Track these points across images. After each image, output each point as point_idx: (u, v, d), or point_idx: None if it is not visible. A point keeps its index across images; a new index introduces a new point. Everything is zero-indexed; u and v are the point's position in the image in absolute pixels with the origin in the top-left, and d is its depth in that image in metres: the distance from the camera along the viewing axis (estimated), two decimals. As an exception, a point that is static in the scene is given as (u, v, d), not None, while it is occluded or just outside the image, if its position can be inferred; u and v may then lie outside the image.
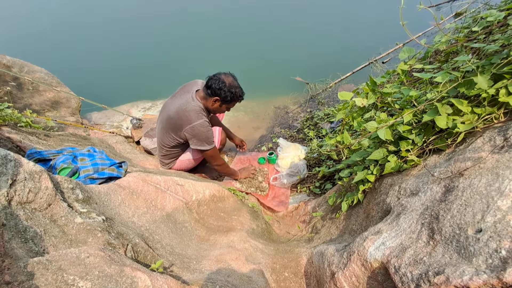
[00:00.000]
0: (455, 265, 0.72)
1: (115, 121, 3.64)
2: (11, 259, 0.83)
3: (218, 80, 2.09)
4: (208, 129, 2.16)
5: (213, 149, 2.25)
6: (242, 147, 2.92)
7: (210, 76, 2.16)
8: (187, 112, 2.11)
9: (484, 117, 1.09)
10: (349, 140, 1.47)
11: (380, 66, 3.96)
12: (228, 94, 2.11)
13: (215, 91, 2.10)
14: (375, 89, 1.46)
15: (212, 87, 2.10)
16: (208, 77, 2.16)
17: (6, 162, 1.05)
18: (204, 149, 2.20)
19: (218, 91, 2.09)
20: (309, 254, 1.49)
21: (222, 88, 2.08)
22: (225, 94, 2.10)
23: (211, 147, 2.22)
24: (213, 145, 2.22)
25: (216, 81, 2.09)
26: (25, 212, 1.01)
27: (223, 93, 2.10)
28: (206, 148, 2.20)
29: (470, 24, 1.63)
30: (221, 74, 2.14)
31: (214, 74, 2.15)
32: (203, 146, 2.19)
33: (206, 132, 2.15)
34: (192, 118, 2.11)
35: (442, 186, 1.00)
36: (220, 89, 2.08)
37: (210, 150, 2.23)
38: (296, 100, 4.01)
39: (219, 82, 2.08)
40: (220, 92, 2.10)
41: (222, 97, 2.12)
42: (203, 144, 2.18)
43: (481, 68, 1.09)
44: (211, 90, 2.11)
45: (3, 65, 2.84)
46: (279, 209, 2.33)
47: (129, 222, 1.39)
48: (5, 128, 1.80)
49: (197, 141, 2.17)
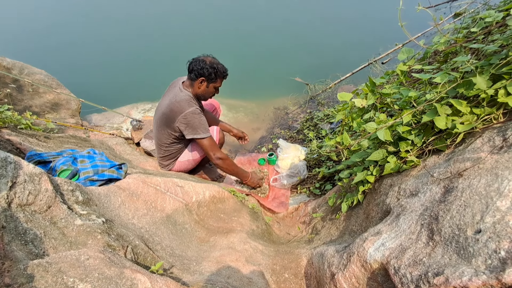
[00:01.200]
0: (455, 266, 0.72)
1: (115, 123, 3.64)
2: (11, 261, 0.83)
3: (198, 61, 2.12)
4: (200, 116, 2.15)
5: (210, 138, 2.21)
6: (244, 139, 2.84)
7: (189, 61, 2.18)
8: (178, 103, 2.12)
9: (483, 118, 1.09)
10: (348, 141, 1.47)
11: (380, 66, 3.97)
12: (211, 71, 2.12)
13: (198, 72, 2.12)
14: (374, 89, 1.47)
15: (194, 69, 2.12)
16: (188, 62, 2.18)
17: (6, 164, 1.06)
18: (199, 137, 2.16)
19: (201, 70, 2.11)
20: (309, 255, 1.49)
21: (204, 66, 2.10)
22: (208, 71, 2.11)
23: (206, 136, 2.17)
24: (208, 134, 2.19)
25: (197, 62, 2.12)
26: (25, 214, 1.01)
27: (206, 71, 2.11)
28: (201, 136, 2.16)
29: (469, 24, 1.63)
30: (200, 56, 2.17)
31: (192, 58, 2.17)
32: (198, 134, 2.15)
33: (199, 118, 2.14)
34: (184, 107, 2.11)
35: (441, 187, 1.00)
36: (202, 68, 2.10)
37: (206, 138, 2.18)
38: (296, 101, 4.01)
39: (200, 62, 2.11)
40: (204, 71, 2.11)
41: (207, 76, 2.13)
42: (197, 132, 2.15)
43: (480, 68, 1.09)
44: (194, 73, 2.13)
45: (3, 67, 2.85)
46: (279, 210, 2.33)
47: (129, 224, 1.39)
48: (5, 130, 1.81)
49: (191, 129, 2.15)
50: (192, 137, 2.17)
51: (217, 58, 2.22)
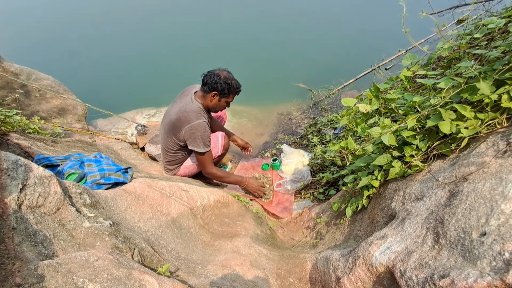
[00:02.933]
0: (460, 268, 0.72)
1: (120, 128, 3.67)
2: (21, 262, 0.85)
3: (213, 75, 2.13)
4: (205, 130, 2.16)
5: (208, 153, 2.23)
6: (247, 149, 2.86)
7: (204, 73, 2.19)
8: (186, 113, 2.14)
9: (487, 122, 1.10)
10: (353, 145, 1.48)
11: (383, 72, 3.99)
12: (225, 86, 2.13)
13: (211, 86, 2.13)
14: (378, 95, 1.48)
15: (208, 82, 2.13)
16: (203, 74, 2.19)
17: (17, 167, 1.08)
18: (199, 150, 2.17)
19: (214, 85, 2.12)
20: (314, 259, 1.49)
21: (218, 81, 2.11)
22: (222, 86, 2.12)
23: (205, 150, 2.19)
24: (208, 149, 2.21)
25: (212, 76, 2.13)
26: (35, 216, 1.03)
27: (219, 86, 2.12)
28: (200, 150, 2.17)
29: (472, 31, 1.65)
30: (216, 69, 2.18)
31: (208, 71, 2.19)
32: (198, 148, 2.17)
33: (203, 132, 2.15)
34: (191, 118, 2.13)
35: (446, 191, 1.01)
36: (216, 82, 2.11)
37: (204, 154, 2.20)
38: (299, 106, 4.03)
39: (214, 76, 2.12)
40: (217, 86, 2.12)
41: (220, 90, 2.14)
42: (198, 145, 2.16)
43: (484, 74, 1.10)
44: (207, 86, 2.14)
45: (11, 72, 2.89)
46: (283, 215, 2.33)
47: (135, 227, 1.41)
48: (13, 134, 1.83)
49: (193, 141, 2.16)
50: (192, 149, 2.20)
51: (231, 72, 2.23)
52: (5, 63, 2.90)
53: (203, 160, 2.25)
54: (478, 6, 2.36)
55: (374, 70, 3.99)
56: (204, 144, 2.18)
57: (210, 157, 2.28)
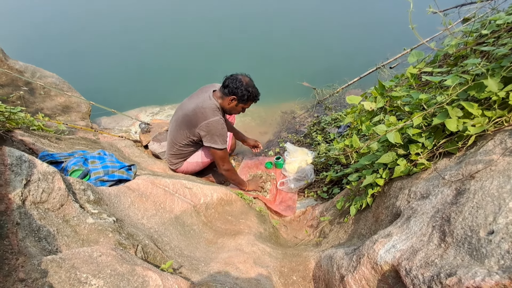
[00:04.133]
0: (467, 266, 0.71)
1: (124, 126, 3.68)
2: (25, 257, 0.85)
3: (235, 80, 2.15)
4: (223, 126, 2.19)
5: (225, 150, 2.26)
6: (257, 147, 2.90)
7: (227, 76, 2.21)
8: (204, 109, 2.15)
9: (495, 120, 1.08)
10: (358, 143, 1.47)
11: (388, 71, 3.96)
12: (245, 93, 2.16)
13: (232, 90, 2.15)
14: (383, 93, 1.47)
15: (229, 86, 2.15)
16: (225, 77, 2.21)
17: (21, 162, 1.08)
18: (217, 147, 2.20)
19: (235, 90, 2.14)
20: (317, 257, 1.48)
21: (239, 87, 2.13)
22: (242, 93, 2.15)
23: (223, 147, 2.22)
24: (225, 145, 2.24)
25: (234, 80, 2.15)
26: (39, 211, 1.03)
27: (240, 92, 2.14)
28: (218, 147, 2.20)
29: (478, 28, 1.63)
30: (238, 74, 2.20)
31: (231, 74, 2.21)
32: (216, 144, 2.19)
33: (221, 129, 2.17)
34: (208, 115, 2.15)
35: (453, 189, 1.00)
36: (237, 88, 2.13)
37: (221, 150, 2.23)
38: (303, 105, 4.01)
39: (237, 81, 2.14)
40: (237, 91, 2.14)
41: (239, 96, 2.16)
42: (216, 142, 2.19)
43: (491, 71, 1.09)
44: (228, 89, 2.16)
45: (16, 70, 2.91)
46: (287, 214, 2.33)
47: (138, 224, 1.41)
48: (18, 131, 1.84)
49: (211, 137, 2.18)
50: (209, 145, 2.21)
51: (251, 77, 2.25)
52: (10, 61, 2.92)
53: (221, 156, 2.28)
54: (484, 4, 2.33)
55: (378, 68, 3.96)
56: (222, 141, 2.20)
57: (227, 154, 2.32)
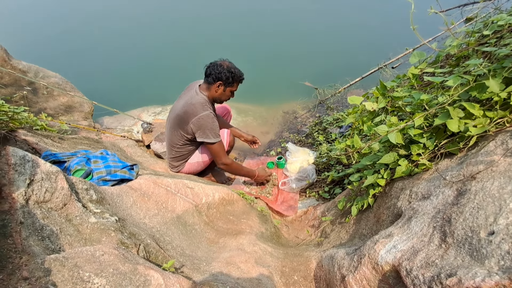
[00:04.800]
0: (468, 267, 0.72)
1: (126, 125, 3.70)
2: (28, 255, 0.86)
3: (216, 65, 2.17)
4: (213, 120, 2.19)
5: (219, 143, 2.25)
6: (256, 143, 2.84)
7: (207, 65, 2.23)
8: (193, 105, 2.17)
9: (496, 121, 1.08)
10: (359, 143, 1.47)
11: (390, 71, 3.95)
12: (229, 75, 2.17)
13: (216, 76, 2.17)
14: (385, 93, 1.47)
15: (212, 73, 2.17)
16: (205, 66, 2.23)
17: (24, 162, 1.09)
18: (210, 141, 2.20)
19: (219, 74, 2.16)
20: (318, 257, 1.48)
21: (222, 71, 2.15)
22: (226, 75, 2.16)
23: (217, 140, 2.21)
24: (219, 138, 2.23)
25: (215, 66, 2.17)
26: (42, 211, 1.04)
27: (224, 76, 2.16)
28: (211, 141, 2.20)
29: (480, 29, 1.62)
30: (217, 60, 2.22)
31: (210, 63, 2.23)
32: (209, 138, 2.19)
33: (212, 123, 2.17)
34: (198, 110, 2.16)
35: (454, 190, 1.00)
36: (220, 72, 2.15)
37: (216, 143, 2.22)
38: (304, 105, 4.02)
39: (218, 66, 2.16)
40: (221, 75, 2.16)
41: (224, 80, 2.18)
42: (208, 136, 2.18)
43: (493, 71, 1.09)
44: (211, 77, 2.18)
45: (19, 70, 2.93)
46: (288, 214, 2.33)
47: (140, 223, 1.41)
48: (21, 130, 1.85)
49: (203, 132, 2.18)
50: (202, 140, 2.21)
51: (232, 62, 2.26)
52: (14, 61, 2.93)
53: (216, 151, 2.26)
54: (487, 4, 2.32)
55: (380, 68, 3.96)
56: (214, 134, 2.20)
57: (222, 147, 2.30)
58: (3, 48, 2.84)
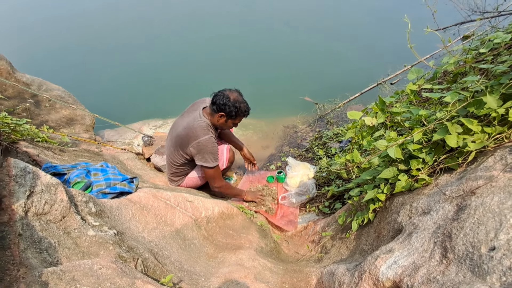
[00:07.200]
0: (469, 283, 0.71)
1: (127, 138, 3.71)
2: (26, 268, 0.85)
3: (222, 96, 2.13)
4: (213, 145, 2.18)
5: (216, 168, 2.25)
6: (252, 163, 2.85)
7: (215, 93, 2.20)
8: (194, 129, 2.16)
9: (495, 136, 1.09)
10: (359, 158, 1.48)
11: (389, 87, 4.00)
12: (232, 109, 2.14)
13: (220, 107, 2.14)
14: (384, 108, 1.48)
15: (217, 103, 2.14)
16: (213, 93, 2.21)
17: (25, 174, 1.09)
18: (208, 165, 2.19)
19: (223, 106, 2.12)
20: (319, 274, 1.46)
21: (227, 103, 2.12)
22: (229, 109, 2.13)
23: (214, 165, 2.21)
24: (216, 163, 2.22)
25: (221, 97, 2.13)
26: (41, 223, 1.03)
27: (227, 108, 2.13)
28: (209, 165, 2.19)
29: (477, 46, 1.66)
30: (226, 90, 2.19)
31: (219, 91, 2.20)
32: (207, 163, 2.18)
33: (212, 148, 2.17)
34: (199, 134, 2.15)
35: (454, 205, 1.00)
36: (225, 104, 2.12)
37: (212, 169, 2.22)
38: (305, 119, 4.04)
39: (224, 97, 2.12)
40: (225, 108, 2.13)
41: (227, 112, 2.15)
42: (207, 160, 2.18)
43: (490, 88, 1.10)
44: (216, 106, 2.15)
45: (23, 83, 2.96)
46: (288, 229, 2.31)
47: (139, 237, 1.40)
48: (22, 142, 1.86)
49: (201, 156, 2.18)
50: (201, 164, 2.21)
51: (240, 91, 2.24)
52: (17, 74, 2.97)
53: (212, 175, 2.26)
54: (484, 23, 2.38)
55: (379, 84, 4.01)
56: (212, 159, 2.19)
57: (219, 172, 2.30)
58: (8, 61, 2.88)
